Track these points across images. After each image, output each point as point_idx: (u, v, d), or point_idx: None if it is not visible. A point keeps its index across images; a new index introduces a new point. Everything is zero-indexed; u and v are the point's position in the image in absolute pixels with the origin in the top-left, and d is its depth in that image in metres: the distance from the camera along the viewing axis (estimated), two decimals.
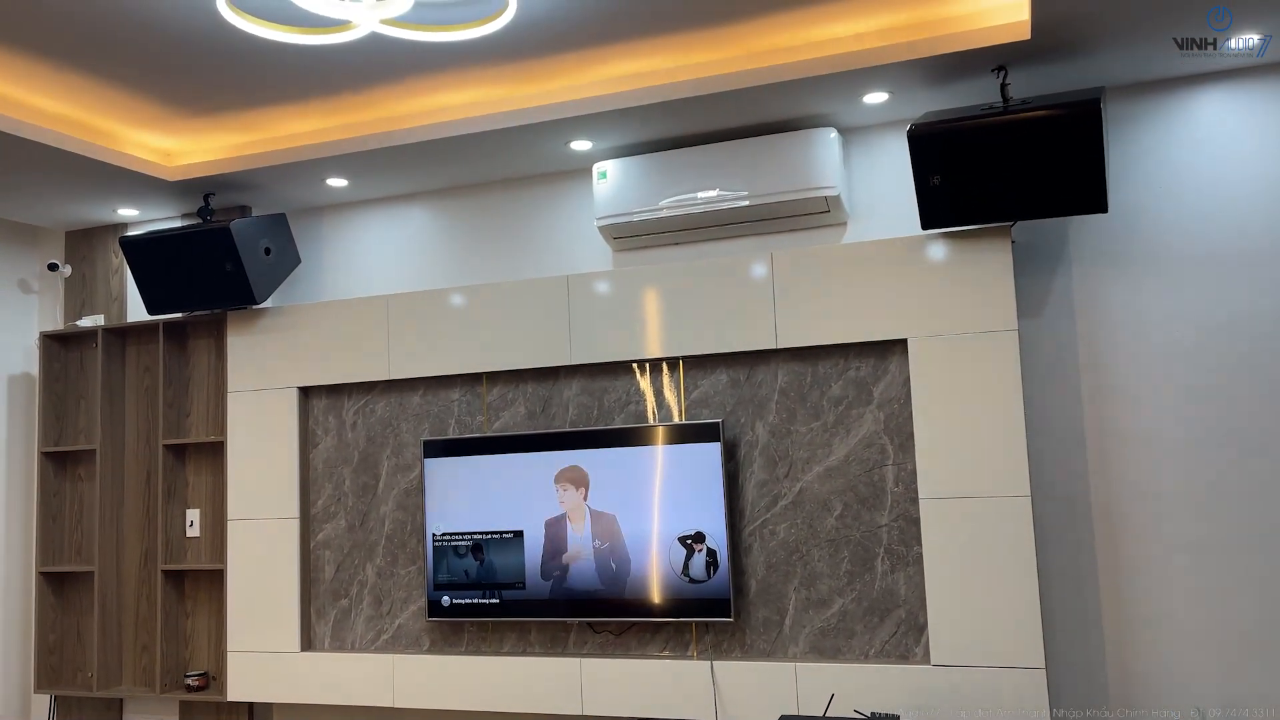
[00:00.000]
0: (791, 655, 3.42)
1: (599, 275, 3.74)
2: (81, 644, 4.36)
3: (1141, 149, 3.33)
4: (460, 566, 3.77)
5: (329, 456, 4.09)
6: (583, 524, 3.63)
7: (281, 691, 3.97)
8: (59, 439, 4.44)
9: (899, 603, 3.33)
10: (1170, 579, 3.19)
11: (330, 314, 4.06)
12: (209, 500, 4.28)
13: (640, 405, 3.70)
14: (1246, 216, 3.21)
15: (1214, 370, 3.20)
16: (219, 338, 4.29)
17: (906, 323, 3.33)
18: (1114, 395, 3.29)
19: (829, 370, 3.47)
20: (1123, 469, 3.26)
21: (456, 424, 3.92)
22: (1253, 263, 3.19)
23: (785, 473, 3.49)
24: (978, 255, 3.26)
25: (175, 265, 4.00)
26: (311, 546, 4.07)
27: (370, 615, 3.97)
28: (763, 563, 3.49)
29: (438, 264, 4.15)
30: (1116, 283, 3.32)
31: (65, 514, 4.44)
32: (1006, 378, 3.20)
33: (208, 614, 4.25)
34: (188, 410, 4.35)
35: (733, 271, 3.55)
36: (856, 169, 3.63)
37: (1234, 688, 3.10)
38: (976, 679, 3.15)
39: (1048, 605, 3.25)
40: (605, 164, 3.71)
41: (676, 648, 3.57)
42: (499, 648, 3.79)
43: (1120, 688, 3.21)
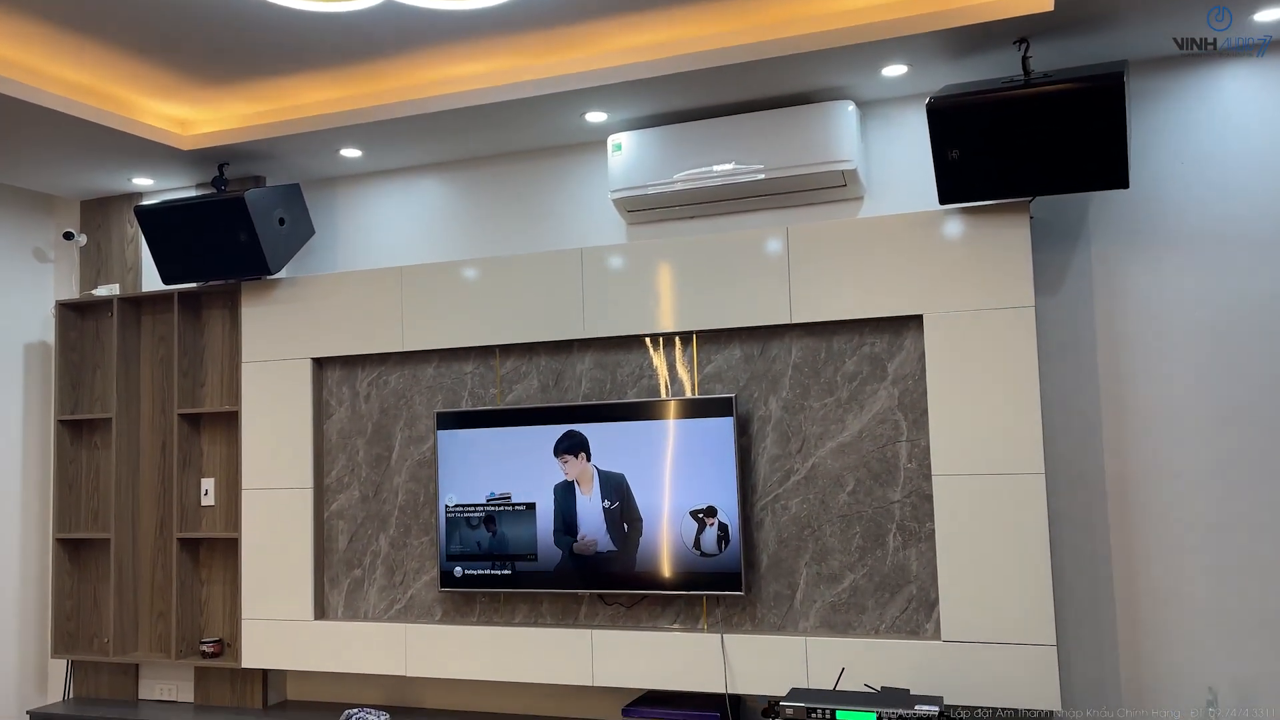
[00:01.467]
0: (802, 629, 3.43)
1: (613, 249, 3.72)
2: (98, 610, 4.41)
3: (1164, 124, 3.29)
4: (472, 538, 3.79)
5: (343, 427, 4.10)
6: (591, 486, 3.63)
7: (295, 659, 4.01)
8: (75, 407, 4.47)
9: (910, 579, 3.33)
10: (1183, 558, 3.18)
11: (344, 285, 4.06)
12: (223, 469, 4.31)
13: (653, 379, 3.69)
14: (1270, 195, 3.17)
15: (1232, 350, 3.18)
16: (233, 308, 4.30)
17: (922, 298, 3.31)
18: (1131, 373, 3.27)
19: (843, 346, 3.46)
20: (1138, 447, 3.25)
21: (469, 396, 3.93)
22: (1275, 242, 3.15)
23: (798, 448, 3.49)
24: (995, 231, 3.24)
25: (190, 235, 4.00)
26: (325, 517, 4.10)
27: (383, 585, 4.00)
28: (774, 537, 3.49)
29: (451, 236, 4.15)
30: (1135, 260, 3.29)
31: (81, 481, 4.47)
32: (1022, 355, 3.18)
33: (222, 582, 4.29)
34: (202, 380, 4.37)
35: (747, 246, 3.53)
36: (874, 143, 3.59)
37: (1246, 667, 3.10)
38: (987, 655, 3.15)
39: (1060, 583, 3.25)
40: (620, 136, 3.68)
41: (687, 620, 3.58)
42: (510, 618, 3.81)
43: (1131, 666, 3.21)
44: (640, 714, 3.51)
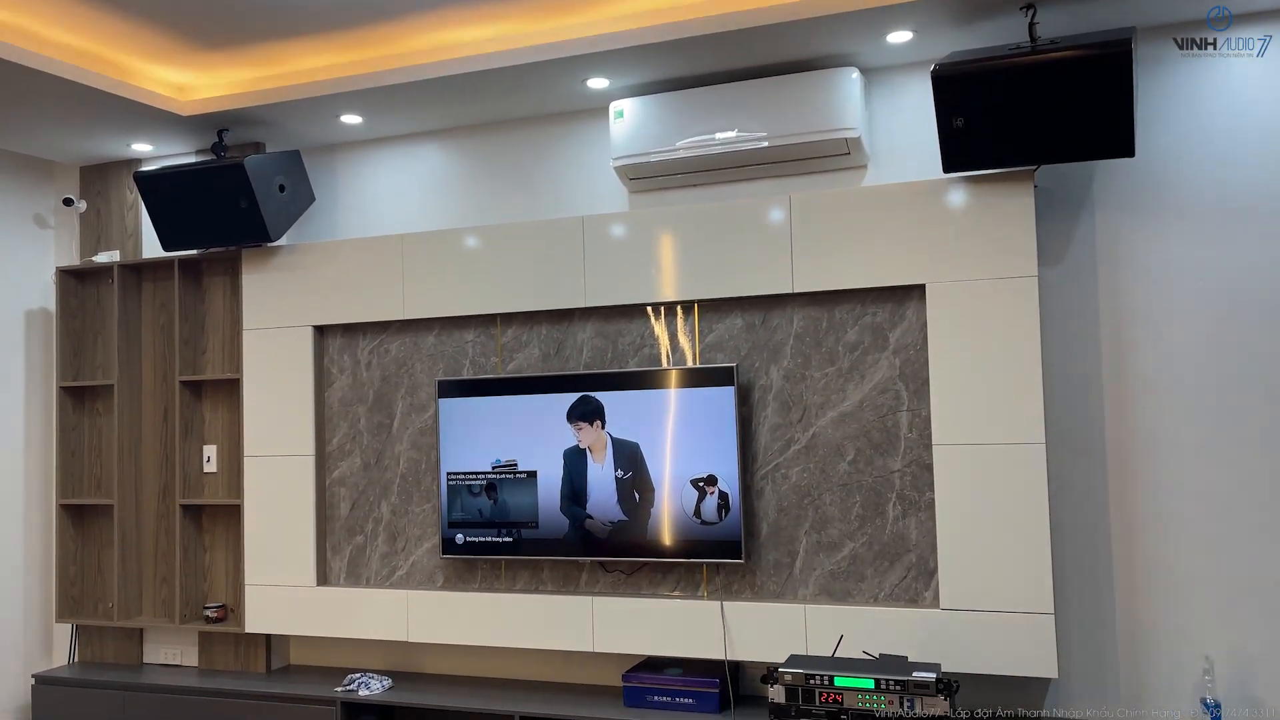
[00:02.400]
0: (801, 597, 3.45)
1: (614, 217, 3.71)
2: (102, 575, 4.44)
3: (1170, 93, 3.26)
4: (474, 505, 3.81)
5: (344, 395, 4.11)
6: (604, 454, 3.64)
7: (298, 624, 4.05)
8: (77, 374, 4.48)
9: (910, 547, 3.34)
10: (1183, 528, 3.19)
11: (345, 253, 4.05)
12: (225, 436, 4.32)
13: (654, 349, 3.69)
14: (1276, 164, 3.14)
15: (1235, 320, 3.17)
16: (234, 275, 4.29)
17: (925, 268, 3.30)
18: (1133, 344, 3.26)
19: (845, 315, 3.45)
20: (1139, 418, 3.25)
21: (470, 365, 3.93)
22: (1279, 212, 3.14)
23: (799, 417, 3.49)
24: (1000, 200, 3.22)
25: (190, 201, 3.99)
26: (327, 484, 4.12)
27: (385, 552, 4.02)
28: (774, 506, 3.50)
29: (452, 203, 4.13)
30: (1140, 230, 3.27)
31: (84, 448, 4.49)
32: (1025, 325, 3.17)
33: (225, 548, 4.31)
34: (203, 347, 4.37)
35: (750, 214, 3.51)
36: (878, 110, 3.57)
37: (1243, 636, 3.11)
38: (985, 623, 3.17)
39: (1059, 552, 3.26)
40: (622, 103, 3.65)
41: (687, 588, 3.60)
42: (512, 585, 3.83)
43: (1128, 634, 3.23)
44: (640, 680, 3.55)
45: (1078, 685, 3.26)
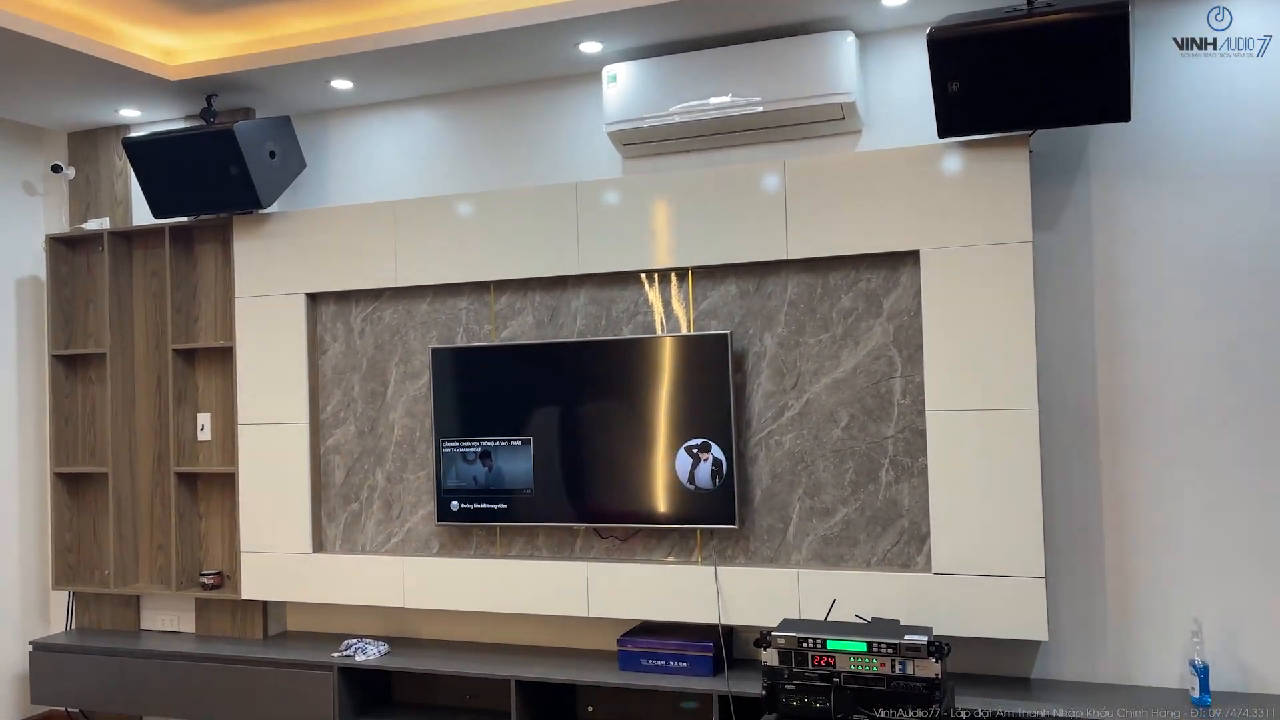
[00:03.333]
0: (795, 562, 3.48)
1: (608, 183, 3.68)
2: (97, 543, 4.45)
3: (1167, 57, 3.23)
4: (469, 473, 3.81)
5: (337, 363, 4.10)
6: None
7: (294, 591, 4.07)
8: (69, 342, 4.46)
9: (902, 513, 3.36)
10: (1173, 493, 3.21)
11: (337, 220, 4.02)
12: (219, 404, 4.32)
13: (648, 316, 3.68)
14: (1272, 130, 3.13)
15: (1229, 286, 3.17)
16: (225, 242, 4.26)
17: (919, 234, 3.29)
18: (1126, 309, 3.26)
19: (839, 282, 3.45)
20: (1132, 383, 3.25)
21: (464, 332, 3.92)
22: (1276, 177, 3.12)
23: (792, 384, 3.49)
24: (994, 165, 3.20)
25: (179, 168, 3.95)
26: (322, 452, 4.12)
27: (380, 519, 4.03)
28: (768, 472, 3.51)
29: (444, 170, 4.10)
30: (1135, 195, 3.26)
31: (78, 416, 4.48)
32: (1019, 290, 3.17)
33: (220, 515, 4.32)
34: (196, 315, 4.36)
35: (744, 180, 3.49)
36: (873, 75, 3.54)
37: (1230, 599, 3.14)
38: (976, 587, 3.20)
39: (1050, 517, 3.28)
40: (615, 67, 3.62)
41: (681, 553, 3.62)
42: (507, 551, 3.85)
43: (1118, 598, 3.25)
44: (635, 645, 3.57)
45: (1068, 648, 3.30)
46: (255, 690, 3.90)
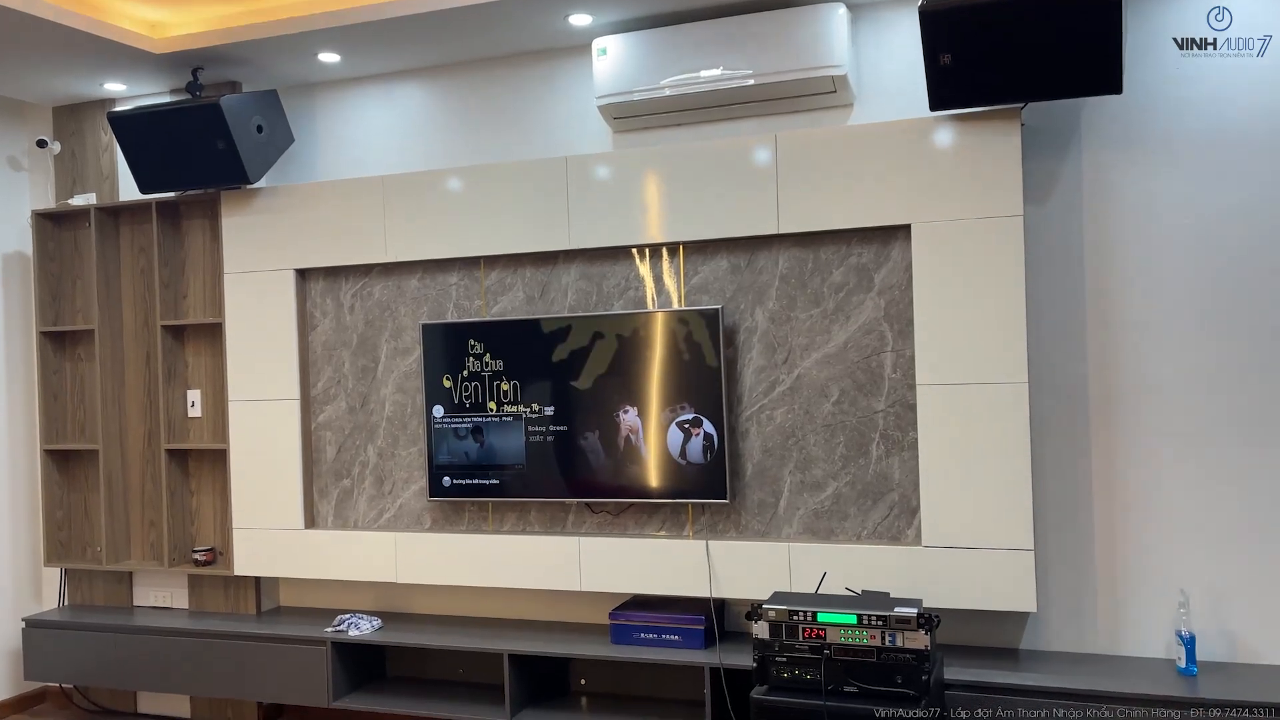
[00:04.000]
0: (785, 536, 3.49)
1: (599, 157, 3.66)
2: (89, 520, 4.45)
3: (1159, 28, 3.22)
4: (460, 448, 3.82)
5: (328, 339, 4.09)
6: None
7: (287, 567, 4.07)
8: (56, 319, 4.44)
9: (892, 486, 3.38)
10: (1162, 466, 3.23)
11: (326, 195, 4.00)
12: (209, 381, 4.30)
13: (639, 291, 3.68)
14: (1264, 102, 3.12)
15: (1220, 260, 3.17)
16: (213, 218, 4.23)
17: (911, 208, 3.28)
18: (1117, 283, 3.27)
19: (831, 256, 3.44)
20: (1122, 357, 3.27)
21: (454, 308, 3.91)
22: (1268, 150, 3.12)
23: (784, 359, 3.50)
24: (986, 138, 3.19)
25: (166, 142, 3.92)
26: (313, 428, 4.11)
27: (372, 495, 4.04)
28: (759, 447, 3.52)
29: (434, 144, 4.07)
30: (1126, 168, 3.25)
31: (67, 393, 4.47)
32: (1009, 264, 3.17)
33: (212, 492, 4.32)
34: (184, 291, 4.33)
35: (735, 154, 3.48)
36: (865, 48, 3.51)
37: (1218, 572, 3.17)
38: (966, 560, 3.22)
39: (1039, 490, 3.30)
40: (605, 40, 3.59)
41: (673, 528, 3.64)
42: (499, 527, 3.86)
43: (1106, 570, 3.28)
44: (627, 618, 3.60)
45: (1056, 619, 3.33)
46: (249, 665, 3.91)
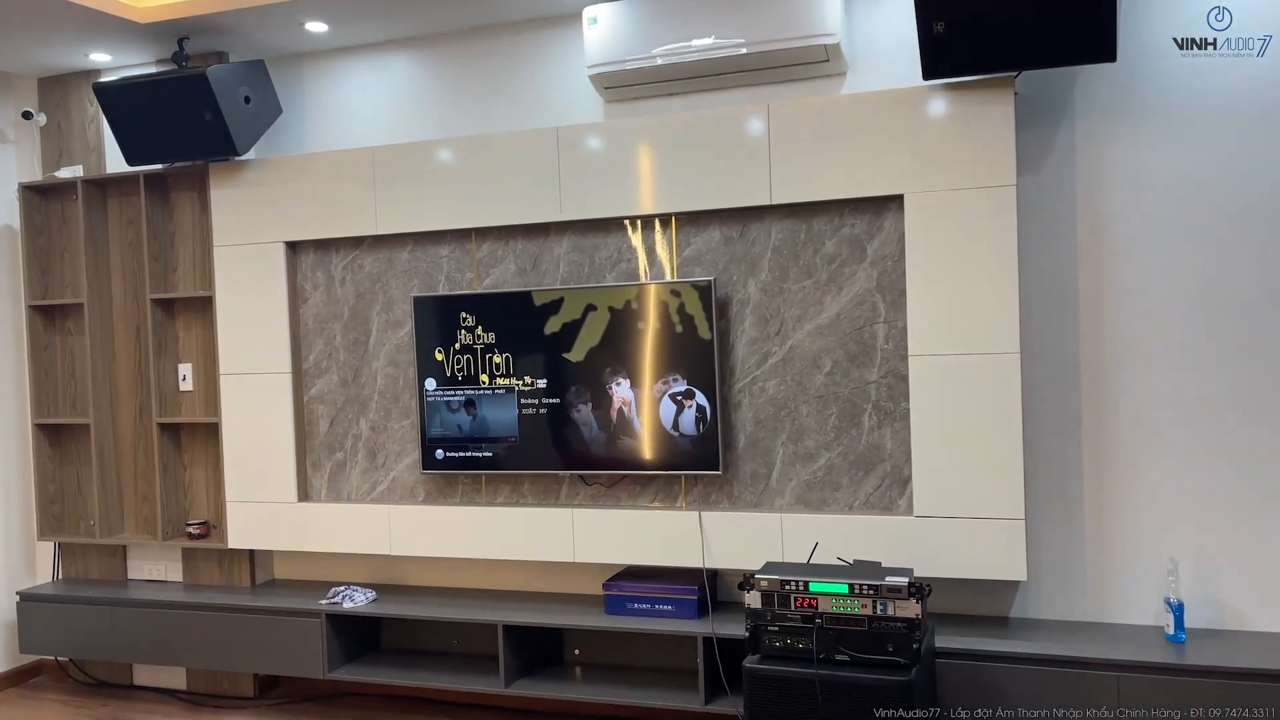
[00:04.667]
0: (778, 507, 3.51)
1: (590, 127, 3.64)
2: (82, 494, 4.45)
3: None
4: (453, 421, 3.81)
5: (319, 312, 4.07)
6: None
7: (281, 540, 4.08)
8: (45, 292, 4.41)
9: (884, 457, 3.39)
10: (1153, 435, 3.24)
11: (315, 166, 3.97)
12: (200, 355, 4.29)
13: (632, 263, 3.66)
14: (1259, 68, 3.11)
15: (1212, 229, 3.17)
16: (202, 190, 4.20)
17: (904, 178, 3.27)
18: (1110, 252, 3.26)
19: (823, 227, 3.43)
20: (1113, 326, 3.27)
21: (446, 280, 3.89)
22: (1263, 117, 3.11)
23: (776, 331, 3.49)
24: (980, 108, 3.17)
25: (152, 114, 3.88)
26: (305, 401, 4.11)
27: (365, 468, 4.04)
28: (751, 418, 3.53)
29: (423, 115, 4.03)
30: (1120, 138, 3.24)
31: (57, 367, 4.45)
32: (1002, 234, 3.16)
33: (205, 465, 4.31)
34: (174, 264, 4.30)
35: (728, 124, 3.45)
36: (857, 16, 3.48)
37: (1208, 539, 3.20)
38: (957, 529, 3.24)
39: (1030, 458, 3.31)
40: (596, 8, 3.55)
41: (666, 499, 3.65)
42: (493, 499, 3.87)
43: (1096, 539, 3.30)
44: (621, 589, 3.61)
45: (1046, 588, 3.35)
46: (244, 637, 3.93)
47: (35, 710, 4.23)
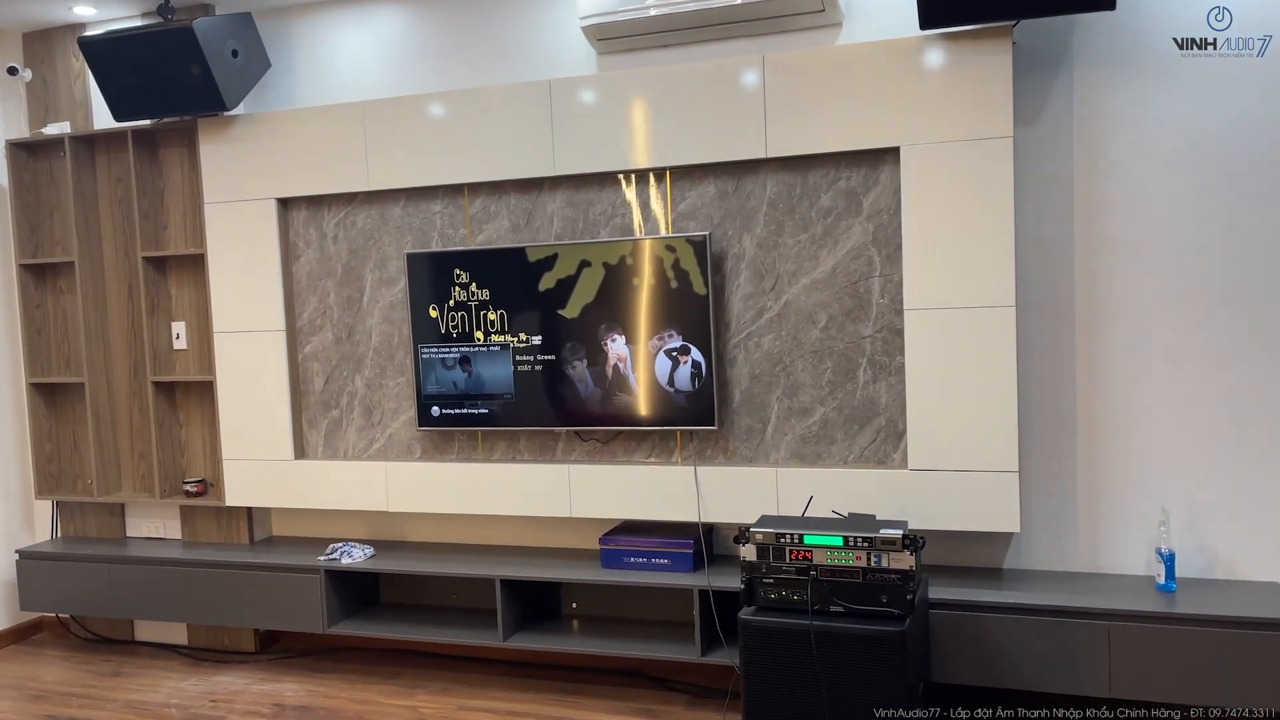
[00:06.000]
0: (773, 461, 3.52)
1: (583, 80, 3.59)
2: (78, 452, 4.45)
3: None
4: (449, 378, 3.81)
5: (312, 269, 4.05)
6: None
7: (278, 497, 4.09)
8: (35, 251, 4.38)
9: (879, 411, 3.39)
10: (1146, 386, 3.25)
11: (305, 121, 3.92)
12: (193, 313, 4.27)
13: (626, 218, 3.64)
14: (1258, 17, 3.07)
15: (1209, 180, 3.15)
16: (191, 147, 4.15)
17: (900, 130, 3.24)
18: (1106, 203, 3.25)
19: (819, 180, 3.40)
20: (1109, 278, 3.26)
21: (439, 237, 3.87)
22: (1262, 68, 3.07)
23: (771, 285, 3.48)
24: (977, 58, 3.14)
25: (138, 68, 3.82)
26: (299, 359, 4.10)
27: (361, 425, 4.04)
28: (747, 374, 3.53)
29: (414, 68, 3.97)
30: (1118, 88, 3.21)
31: (50, 326, 4.43)
32: (998, 186, 3.14)
33: (200, 423, 4.31)
34: (164, 222, 4.27)
35: (723, 76, 3.41)
36: None
37: (1199, 489, 3.22)
38: (951, 482, 3.26)
39: (1025, 410, 3.32)
40: None
41: (661, 455, 3.66)
42: (489, 455, 3.88)
43: (1089, 490, 3.32)
44: (617, 543, 3.64)
45: (1039, 539, 3.38)
46: (244, 594, 3.96)
47: (39, 666, 4.27)
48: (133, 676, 4.10)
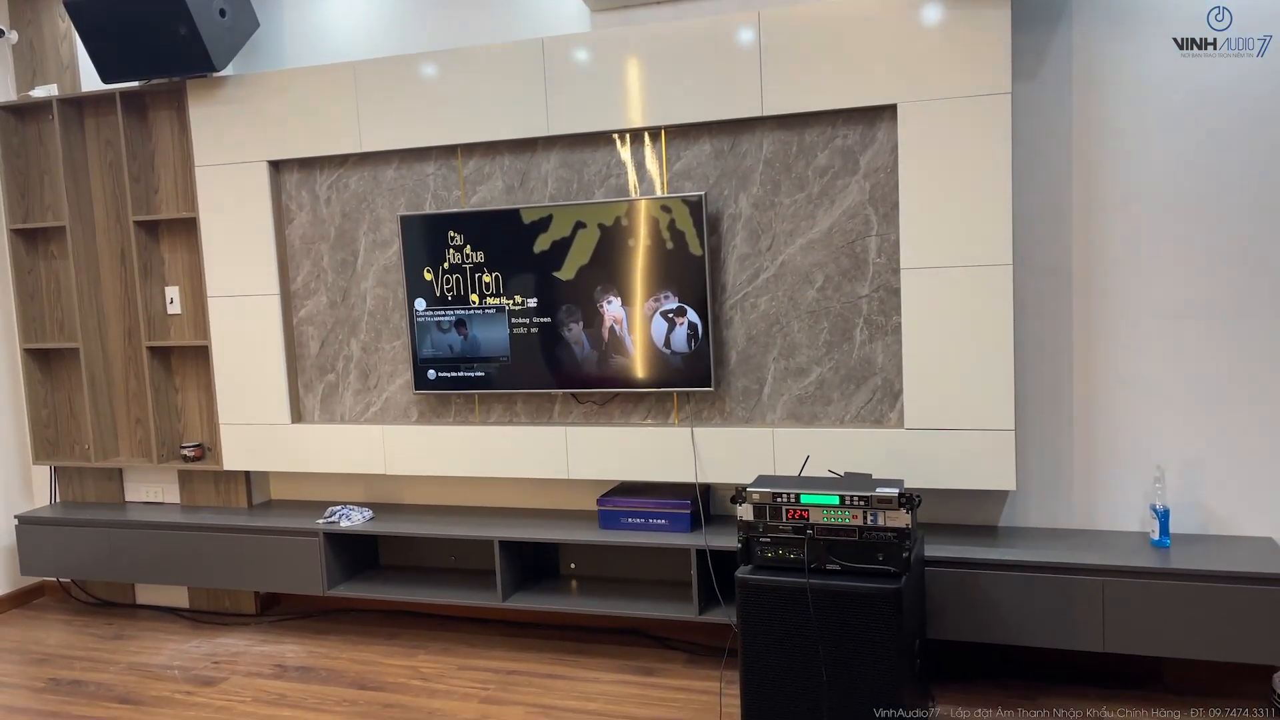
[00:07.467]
0: (770, 422, 3.52)
1: (576, 38, 3.54)
2: (75, 418, 4.45)
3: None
4: (444, 341, 3.80)
5: (305, 233, 4.02)
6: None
7: (276, 461, 4.10)
8: (26, 216, 4.34)
9: (876, 370, 3.39)
10: (1143, 345, 3.25)
11: (296, 82, 3.87)
12: (187, 277, 4.24)
13: (621, 179, 3.61)
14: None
15: (1208, 137, 3.12)
16: (180, 109, 4.10)
17: (897, 87, 3.20)
18: (1103, 160, 3.22)
19: (815, 139, 3.37)
20: (1106, 235, 3.25)
21: (433, 199, 3.84)
22: (1264, 20, 3.04)
23: (767, 246, 3.46)
24: (975, 12, 3.09)
25: (125, 29, 3.76)
26: (294, 323, 4.08)
27: (358, 389, 4.03)
28: (743, 335, 3.52)
29: (405, 27, 3.92)
30: (1118, 43, 3.17)
31: (42, 292, 4.41)
32: (996, 144, 3.12)
33: (196, 388, 4.31)
34: (155, 185, 4.23)
35: (718, 33, 3.37)
36: None
37: (1194, 446, 3.23)
38: (947, 441, 3.26)
39: (1020, 369, 3.32)
40: None
41: (658, 416, 3.66)
42: (486, 418, 3.88)
43: (1084, 447, 3.33)
44: (614, 504, 3.65)
45: (1034, 497, 3.40)
46: (244, 557, 3.98)
47: (41, 629, 4.30)
48: (135, 639, 4.13)
